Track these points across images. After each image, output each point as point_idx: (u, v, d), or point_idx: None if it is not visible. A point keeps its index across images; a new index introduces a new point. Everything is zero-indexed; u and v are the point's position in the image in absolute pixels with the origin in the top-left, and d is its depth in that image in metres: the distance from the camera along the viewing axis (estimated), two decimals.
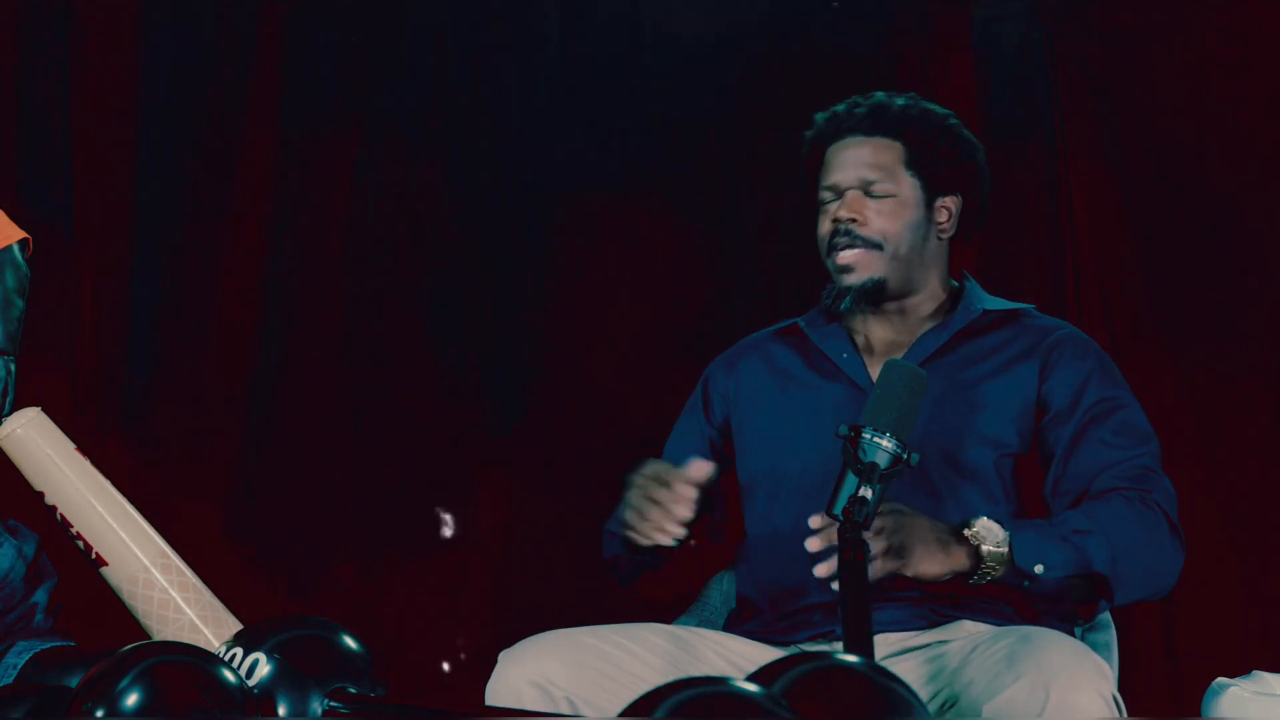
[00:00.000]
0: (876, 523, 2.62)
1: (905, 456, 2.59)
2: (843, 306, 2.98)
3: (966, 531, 2.73)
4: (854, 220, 2.97)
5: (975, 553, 2.71)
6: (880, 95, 3.06)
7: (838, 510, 2.55)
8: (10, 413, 3.10)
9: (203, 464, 4.30)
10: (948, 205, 3.03)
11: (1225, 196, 4.13)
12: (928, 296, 3.04)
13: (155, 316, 4.32)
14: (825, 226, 3.02)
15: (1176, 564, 2.85)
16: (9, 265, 3.17)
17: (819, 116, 3.08)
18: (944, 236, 3.04)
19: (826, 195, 3.03)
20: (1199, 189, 4.14)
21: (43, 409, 3.11)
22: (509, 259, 4.38)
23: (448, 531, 4.31)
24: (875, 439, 2.58)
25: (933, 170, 3.01)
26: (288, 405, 4.34)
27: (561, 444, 4.33)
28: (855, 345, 3.03)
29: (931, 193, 3.02)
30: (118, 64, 4.32)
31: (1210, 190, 4.14)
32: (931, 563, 2.69)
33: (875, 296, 2.98)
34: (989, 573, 2.72)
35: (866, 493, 2.55)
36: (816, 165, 3.07)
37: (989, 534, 2.72)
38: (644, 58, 4.38)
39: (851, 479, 2.57)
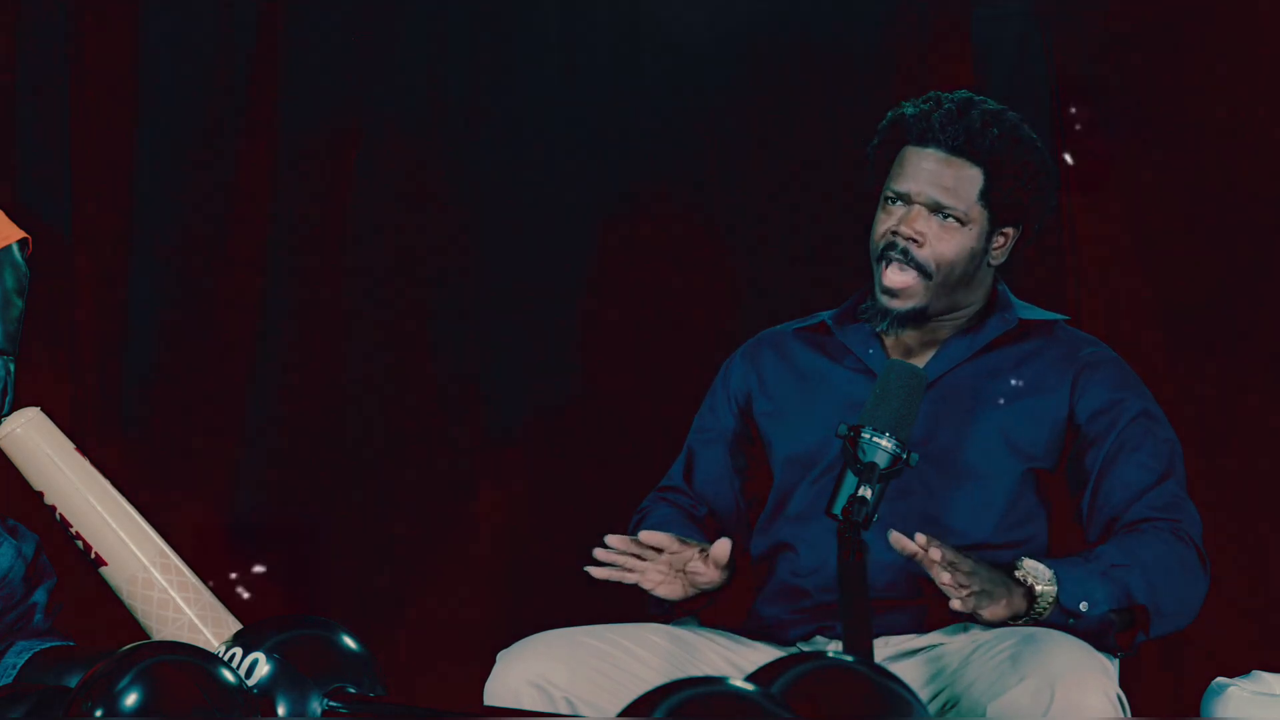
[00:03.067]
0: (964, 575, 2.67)
1: (904, 456, 2.59)
2: (880, 327, 2.96)
3: (1018, 573, 2.74)
4: (914, 241, 2.92)
5: (1029, 593, 2.73)
6: (977, 114, 2.96)
7: (837, 510, 2.56)
8: (10, 413, 3.10)
9: (203, 464, 4.30)
10: (1006, 235, 2.99)
11: (1226, 195, 4.12)
12: (962, 314, 3.02)
13: (155, 317, 4.32)
14: (882, 230, 2.95)
15: (1203, 592, 2.88)
16: (8, 265, 3.17)
17: (909, 109, 2.99)
18: (994, 263, 3.00)
19: (891, 197, 2.96)
20: (1199, 188, 4.14)
21: (42, 409, 3.11)
22: (510, 260, 4.38)
23: (448, 531, 4.31)
24: (874, 439, 2.58)
25: (1004, 204, 2.96)
26: (288, 405, 4.34)
27: (563, 445, 4.33)
28: (883, 343, 3.02)
29: (996, 223, 2.97)
30: (118, 63, 4.31)
31: (1211, 189, 4.13)
32: (999, 608, 2.72)
33: (915, 322, 2.96)
34: (1039, 613, 2.74)
35: (866, 492, 2.56)
36: (890, 156, 2.99)
37: (1038, 575, 2.75)
38: (644, 58, 4.37)
39: (851, 479, 2.58)
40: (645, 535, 2.82)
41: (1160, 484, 2.89)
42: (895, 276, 2.92)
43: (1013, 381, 2.95)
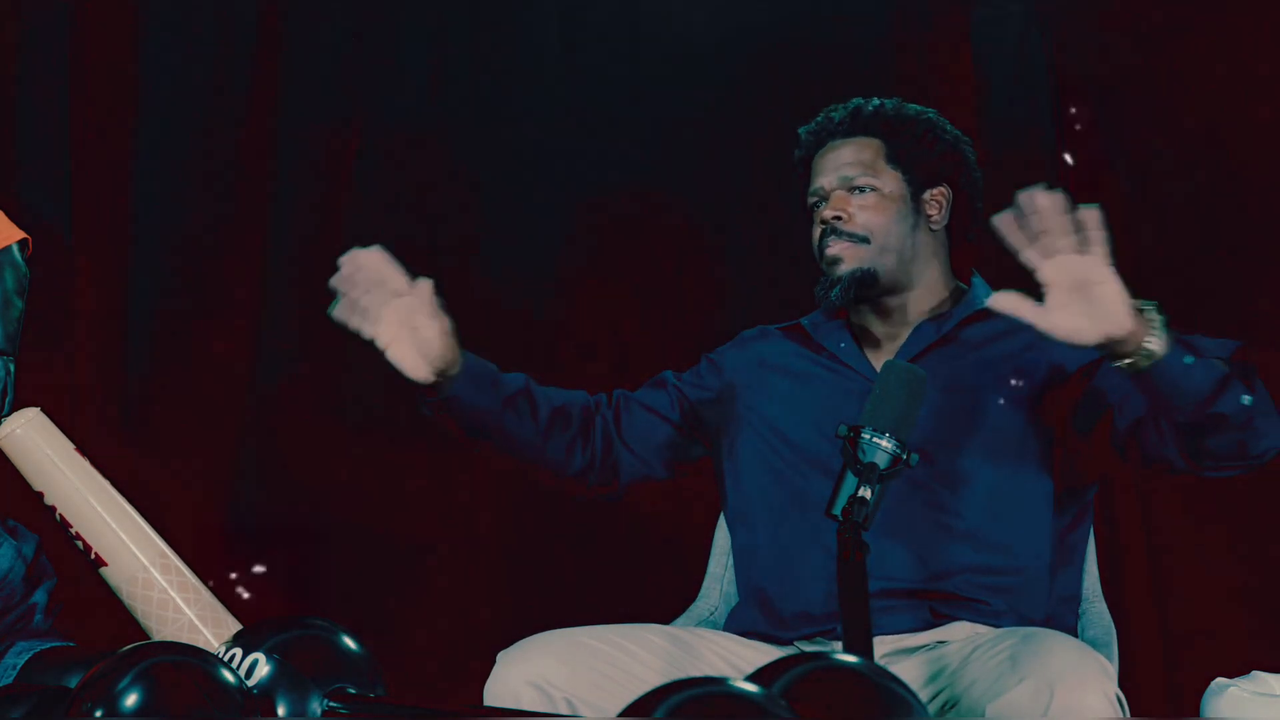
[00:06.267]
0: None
1: (904, 457, 2.59)
2: (833, 295, 2.98)
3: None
4: (838, 218, 2.98)
5: (1139, 315, 2.59)
6: (857, 99, 3.09)
7: (837, 510, 2.56)
8: (10, 413, 3.10)
9: (203, 464, 4.30)
10: (937, 197, 3.03)
11: (1225, 195, 4.13)
12: (926, 291, 3.02)
13: (155, 317, 4.32)
14: (815, 231, 3.04)
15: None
16: (8, 265, 3.17)
17: (802, 131, 3.11)
18: (936, 228, 3.03)
19: (811, 200, 3.05)
20: (1199, 187, 4.14)
21: (42, 409, 3.11)
22: (509, 260, 4.38)
23: (447, 532, 4.31)
24: (874, 439, 2.58)
25: (915, 163, 3.02)
26: (288, 404, 4.34)
27: None
28: (854, 337, 3.03)
29: (917, 185, 3.02)
30: (118, 64, 4.32)
31: (1210, 189, 4.14)
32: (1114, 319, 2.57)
33: (867, 287, 2.98)
34: (1150, 341, 2.59)
35: (866, 493, 2.56)
36: (806, 178, 3.09)
37: (1149, 309, 2.62)
38: (644, 57, 4.38)
39: (851, 479, 2.58)
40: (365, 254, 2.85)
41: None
42: (834, 247, 2.99)
43: (984, 360, 2.95)
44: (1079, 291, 2.58)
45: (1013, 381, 2.93)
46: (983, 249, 3.10)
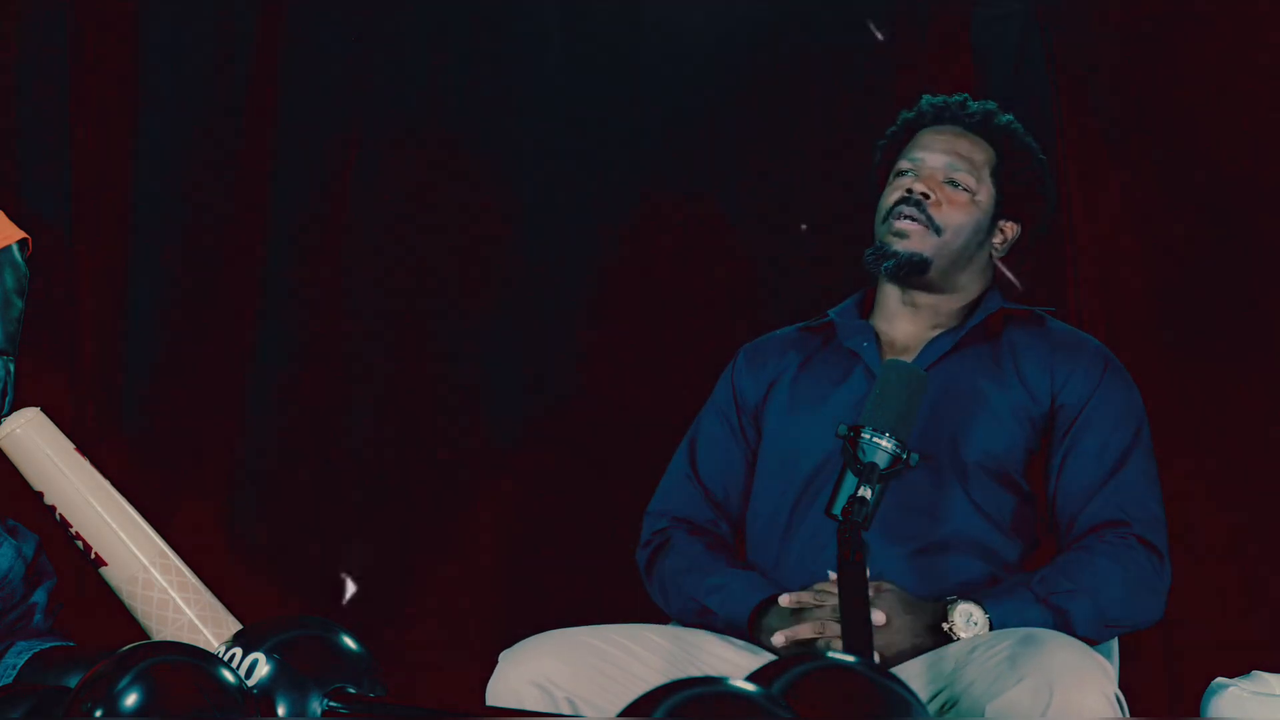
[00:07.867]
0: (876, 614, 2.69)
1: (904, 456, 2.59)
2: (885, 267, 2.96)
3: (944, 625, 2.77)
4: (927, 196, 2.97)
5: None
6: (991, 103, 3.08)
7: (837, 510, 2.56)
8: (10, 413, 3.10)
9: (203, 464, 4.30)
10: (1007, 230, 3.04)
11: (1225, 195, 4.13)
12: (957, 301, 3.03)
13: (155, 316, 4.32)
14: (893, 196, 3.00)
15: (1163, 591, 2.88)
16: (8, 265, 3.17)
17: (926, 100, 3.09)
18: (996, 255, 3.05)
19: (905, 166, 3.02)
20: (1199, 188, 4.14)
21: (42, 409, 3.11)
22: (509, 260, 4.38)
23: (448, 531, 4.31)
24: (874, 439, 2.58)
25: (1012, 188, 3.02)
26: (288, 405, 4.34)
27: (563, 445, 4.33)
28: (878, 339, 3.02)
29: (1001, 209, 3.02)
30: (118, 64, 4.32)
31: (1210, 189, 4.14)
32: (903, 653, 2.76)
33: (916, 274, 2.96)
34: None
35: (866, 493, 2.55)
36: (902, 143, 3.06)
37: (965, 624, 2.76)
38: (644, 57, 4.38)
39: (851, 479, 2.58)
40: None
41: (1113, 477, 2.89)
42: (906, 222, 2.97)
43: (994, 375, 2.95)
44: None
45: (1014, 394, 2.94)
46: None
